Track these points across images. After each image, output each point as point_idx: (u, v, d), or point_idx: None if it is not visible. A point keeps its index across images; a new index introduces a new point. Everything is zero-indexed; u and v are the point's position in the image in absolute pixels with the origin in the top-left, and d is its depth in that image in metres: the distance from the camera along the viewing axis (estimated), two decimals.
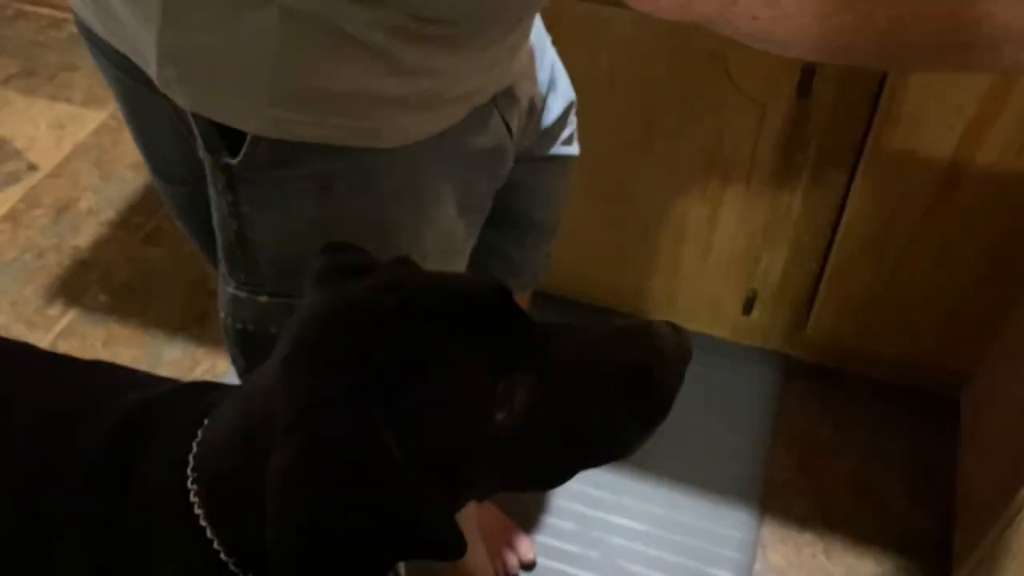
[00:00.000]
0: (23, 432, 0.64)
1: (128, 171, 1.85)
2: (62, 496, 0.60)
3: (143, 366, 1.47)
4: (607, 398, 0.52)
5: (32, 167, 1.87)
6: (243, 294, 0.71)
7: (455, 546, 0.47)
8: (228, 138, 0.61)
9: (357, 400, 0.48)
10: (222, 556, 0.55)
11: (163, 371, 1.44)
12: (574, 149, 0.99)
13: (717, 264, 1.29)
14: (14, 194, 1.81)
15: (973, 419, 1.27)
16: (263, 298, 0.71)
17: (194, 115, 0.61)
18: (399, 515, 0.47)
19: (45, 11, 2.26)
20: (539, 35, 0.88)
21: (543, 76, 0.88)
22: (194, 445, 0.57)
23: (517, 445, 0.51)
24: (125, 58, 0.64)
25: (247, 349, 0.75)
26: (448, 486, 0.51)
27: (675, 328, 0.52)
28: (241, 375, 0.81)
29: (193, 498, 0.55)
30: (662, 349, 0.51)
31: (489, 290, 0.52)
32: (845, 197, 1.14)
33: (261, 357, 0.61)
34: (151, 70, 0.60)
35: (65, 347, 1.51)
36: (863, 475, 1.33)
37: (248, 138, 0.61)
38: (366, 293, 0.54)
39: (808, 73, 1.01)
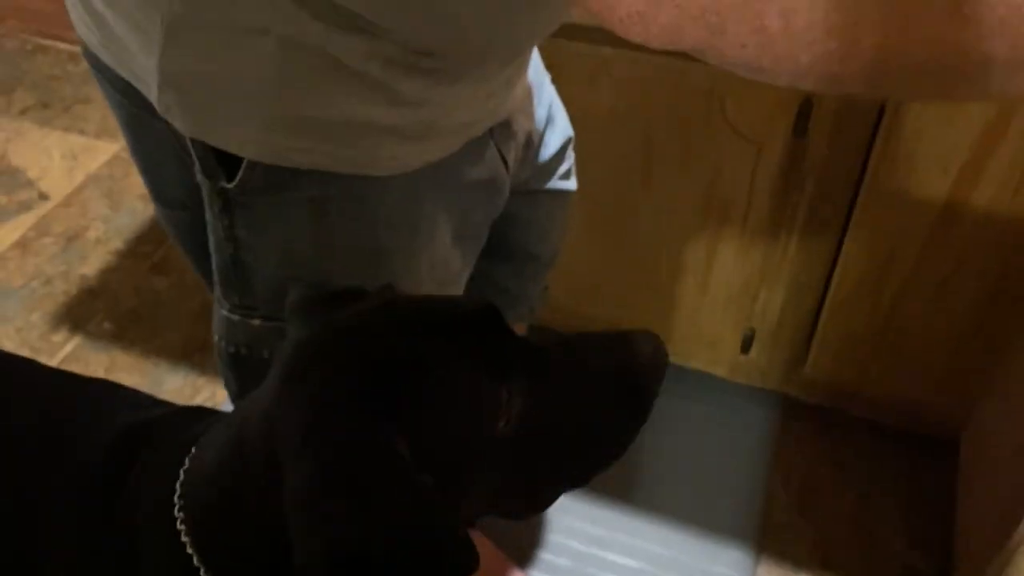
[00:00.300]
0: (20, 446, 0.64)
1: (138, 202, 1.87)
2: (56, 510, 0.60)
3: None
4: (595, 400, 0.54)
5: (43, 196, 1.90)
6: (237, 317, 0.72)
7: (470, 557, 0.47)
8: (225, 163, 0.63)
9: (363, 409, 0.48)
10: None
11: (164, 399, 1.44)
12: (572, 184, 1.00)
13: (715, 302, 1.29)
14: (25, 222, 1.84)
15: (971, 460, 1.27)
16: (256, 321, 0.72)
17: (192, 140, 0.62)
18: (422, 527, 0.46)
19: (64, 46, 2.32)
20: (538, 73, 0.90)
21: (541, 112, 0.90)
22: (181, 473, 0.57)
23: (514, 450, 0.52)
24: (128, 84, 0.66)
25: (240, 372, 0.76)
26: (452, 494, 0.51)
27: (652, 335, 0.55)
28: (233, 399, 0.81)
29: (180, 525, 0.55)
30: (642, 354, 0.54)
31: (480, 307, 0.54)
32: (842, 237, 1.15)
33: (253, 381, 0.62)
34: (152, 95, 0.62)
35: None
36: (861, 515, 1.32)
37: (244, 163, 0.62)
38: (360, 312, 0.55)
39: (803, 113, 1.02)
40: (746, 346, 1.33)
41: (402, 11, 0.56)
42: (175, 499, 0.56)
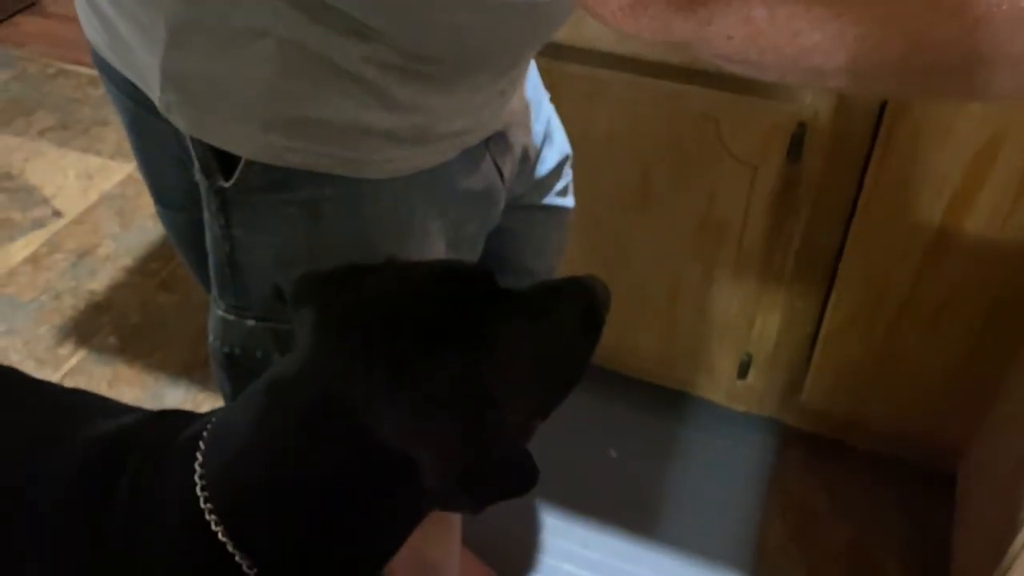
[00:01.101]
0: None
1: (148, 220, 1.91)
2: (33, 528, 0.59)
3: (146, 407, 1.50)
4: (571, 330, 0.66)
5: (57, 214, 1.94)
6: (232, 317, 0.73)
7: (537, 469, 0.55)
8: (223, 162, 0.65)
9: (435, 347, 0.55)
10: (244, 569, 0.55)
11: None
12: (569, 201, 1.02)
13: (711, 326, 1.30)
14: (38, 238, 1.87)
15: (967, 492, 1.26)
16: (250, 322, 0.73)
17: (192, 139, 0.64)
18: (508, 442, 0.56)
19: (84, 70, 2.37)
20: (536, 90, 0.92)
21: (538, 128, 0.92)
22: (197, 467, 0.57)
23: (530, 376, 0.62)
24: (132, 84, 0.68)
25: (234, 373, 0.77)
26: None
27: (595, 277, 0.68)
28: (227, 401, 0.82)
29: (209, 516, 0.55)
30: (594, 288, 0.67)
31: (480, 267, 0.66)
32: (837, 261, 1.15)
33: (246, 382, 0.63)
34: (154, 95, 0.64)
35: (71, 385, 1.54)
36: (858, 546, 1.31)
37: (241, 162, 0.64)
38: (388, 275, 0.62)
39: (798, 137, 1.04)
40: (743, 371, 1.33)
41: (400, 16, 0.58)
42: (198, 492, 0.56)
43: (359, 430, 0.53)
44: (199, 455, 0.58)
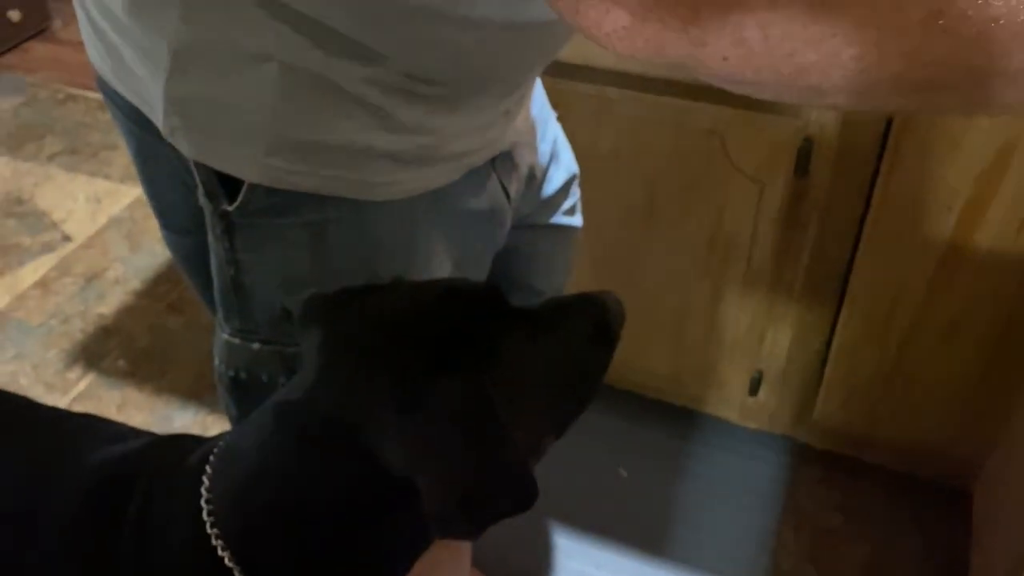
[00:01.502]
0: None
1: (157, 244, 1.91)
2: (41, 553, 0.59)
3: (155, 430, 1.49)
4: (583, 346, 0.65)
5: (67, 238, 1.95)
6: (237, 341, 0.73)
7: (537, 489, 0.55)
8: (227, 186, 0.64)
9: (446, 368, 0.55)
10: None
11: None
12: (576, 220, 1.01)
13: (722, 342, 1.29)
14: (47, 262, 1.88)
15: (984, 509, 1.24)
16: (256, 345, 0.73)
17: (195, 163, 0.64)
18: (514, 464, 0.55)
19: (93, 95, 2.39)
20: (542, 109, 0.92)
21: (545, 148, 0.91)
22: (203, 491, 0.57)
23: (541, 393, 0.62)
24: (137, 110, 0.68)
25: (239, 397, 0.77)
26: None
27: (610, 293, 0.68)
28: (233, 424, 0.82)
29: (216, 541, 0.55)
30: (605, 303, 0.67)
31: (487, 285, 0.65)
32: (847, 276, 1.14)
33: (253, 405, 0.62)
34: (158, 119, 0.64)
35: (80, 410, 1.54)
36: (874, 564, 1.29)
37: (245, 186, 0.64)
38: (396, 294, 0.62)
39: (804, 152, 1.03)
40: (754, 388, 1.32)
41: (402, 39, 0.58)
42: (204, 516, 0.56)
43: (365, 455, 0.53)
44: (206, 479, 0.58)
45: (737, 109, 1.04)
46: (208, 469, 0.58)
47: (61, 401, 1.55)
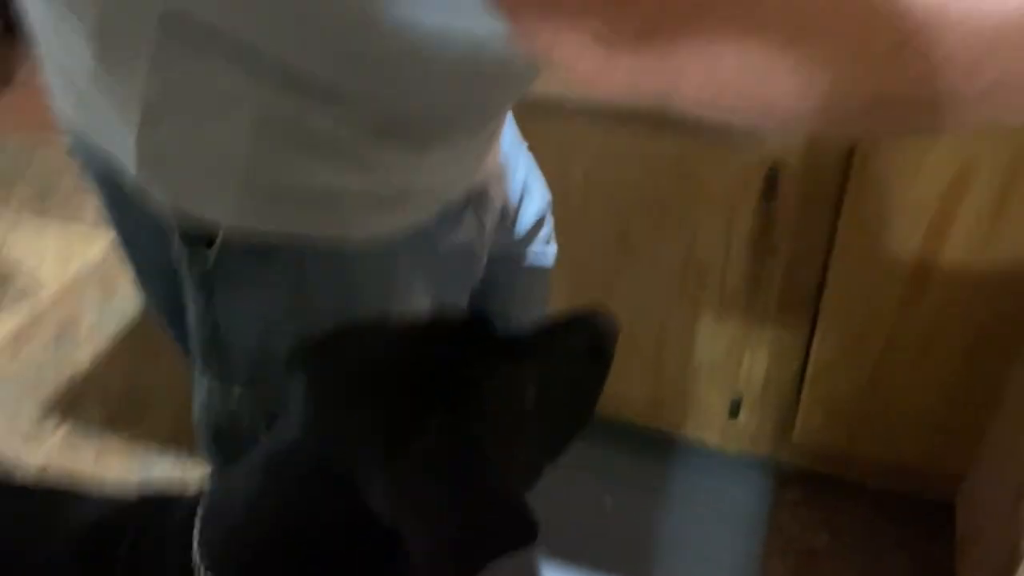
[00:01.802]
0: None
1: (131, 288, 1.89)
2: None
3: (134, 479, 1.47)
4: (576, 369, 0.66)
5: (39, 285, 1.93)
6: (216, 385, 0.73)
7: (537, 522, 0.55)
8: (202, 232, 0.65)
9: (432, 410, 0.55)
10: None
11: (151, 483, 1.43)
12: (551, 248, 1.02)
13: (700, 367, 1.30)
14: (20, 311, 1.86)
15: (967, 523, 1.25)
16: (236, 390, 0.73)
17: (171, 210, 0.64)
18: (507, 501, 0.56)
19: (63, 140, 2.38)
20: (512, 144, 0.93)
21: (516, 184, 0.92)
22: (195, 544, 0.57)
23: (534, 421, 0.61)
24: (109, 162, 0.68)
25: (219, 442, 0.76)
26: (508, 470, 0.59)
27: (601, 311, 0.68)
28: (214, 471, 0.81)
29: None
30: (600, 324, 0.67)
31: (473, 316, 0.65)
32: (819, 297, 1.16)
33: (233, 451, 0.62)
34: (131, 168, 0.64)
35: (59, 460, 1.52)
36: None
37: (221, 231, 0.64)
38: (381, 334, 0.62)
39: (771, 177, 1.05)
40: (734, 411, 1.33)
41: (371, 80, 0.59)
42: (196, 560, 0.56)
43: (354, 505, 0.53)
44: (197, 526, 0.58)
45: (704, 138, 1.06)
46: (198, 520, 0.58)
47: (37, 452, 1.53)
